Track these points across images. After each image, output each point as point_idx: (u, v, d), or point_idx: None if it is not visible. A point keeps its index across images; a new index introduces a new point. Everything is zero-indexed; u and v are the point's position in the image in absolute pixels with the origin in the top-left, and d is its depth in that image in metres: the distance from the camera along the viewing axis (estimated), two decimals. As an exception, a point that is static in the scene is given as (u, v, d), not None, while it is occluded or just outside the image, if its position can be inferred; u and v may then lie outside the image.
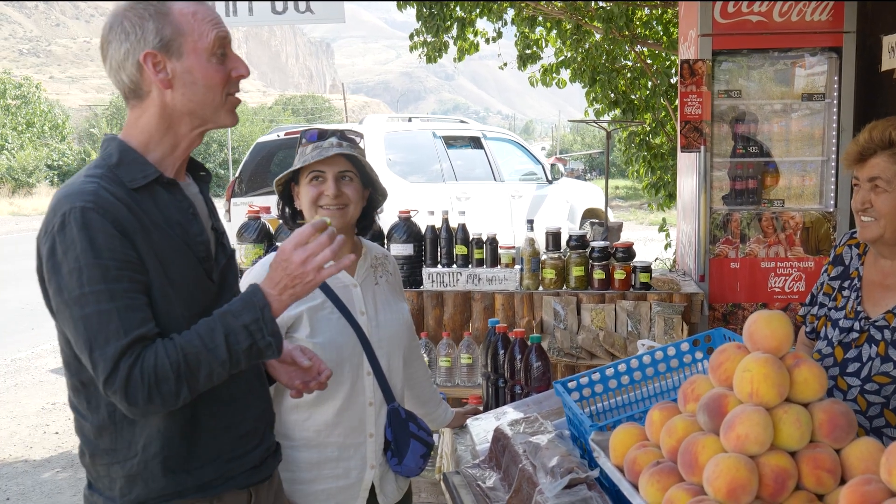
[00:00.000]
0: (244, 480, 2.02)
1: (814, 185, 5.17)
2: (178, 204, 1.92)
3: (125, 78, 1.85)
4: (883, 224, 2.30)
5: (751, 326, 1.72)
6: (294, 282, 1.86)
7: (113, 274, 1.72)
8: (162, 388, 1.72)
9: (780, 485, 1.55)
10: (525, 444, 2.30)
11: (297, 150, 2.61)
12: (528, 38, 8.79)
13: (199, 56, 1.85)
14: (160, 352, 1.73)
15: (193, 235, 1.92)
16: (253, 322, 1.81)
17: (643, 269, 4.65)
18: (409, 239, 4.73)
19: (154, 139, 1.89)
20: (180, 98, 1.86)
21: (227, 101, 1.92)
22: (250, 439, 2.05)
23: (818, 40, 4.94)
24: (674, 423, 1.73)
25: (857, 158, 2.33)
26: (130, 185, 1.83)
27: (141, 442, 1.86)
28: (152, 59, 1.82)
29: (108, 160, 1.86)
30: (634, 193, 27.27)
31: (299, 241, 1.87)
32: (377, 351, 2.62)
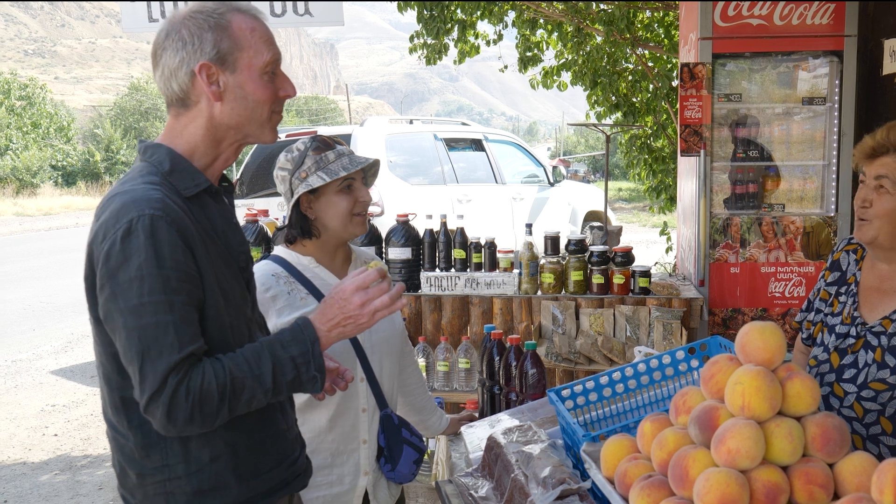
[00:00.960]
0: (298, 484, 2.05)
1: (815, 189, 5.14)
2: (223, 213, 1.94)
3: (176, 86, 1.85)
4: (877, 226, 2.27)
5: (743, 338, 1.69)
6: (347, 322, 1.91)
7: (174, 285, 1.70)
8: (205, 408, 1.71)
9: (772, 500, 1.53)
10: (518, 454, 2.28)
11: (306, 158, 2.52)
12: (528, 41, 8.77)
13: (253, 72, 1.85)
14: (208, 372, 1.72)
15: (236, 245, 1.95)
16: (301, 355, 1.83)
17: (642, 274, 4.63)
18: (407, 242, 4.72)
19: (199, 150, 1.89)
20: (229, 112, 1.86)
21: (271, 118, 1.93)
22: (297, 442, 2.08)
23: (819, 44, 4.91)
24: (665, 436, 1.71)
25: (869, 154, 2.30)
26: (185, 192, 1.84)
27: (207, 454, 1.84)
28: (207, 70, 1.82)
29: (160, 167, 1.84)
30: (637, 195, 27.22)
31: (361, 284, 1.92)
32: (370, 357, 2.60)
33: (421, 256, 4.81)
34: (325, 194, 2.53)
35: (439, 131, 9.91)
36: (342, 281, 1.95)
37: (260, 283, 2.51)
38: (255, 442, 1.91)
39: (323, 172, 2.49)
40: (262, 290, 2.51)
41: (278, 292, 2.53)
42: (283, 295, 2.54)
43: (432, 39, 8.66)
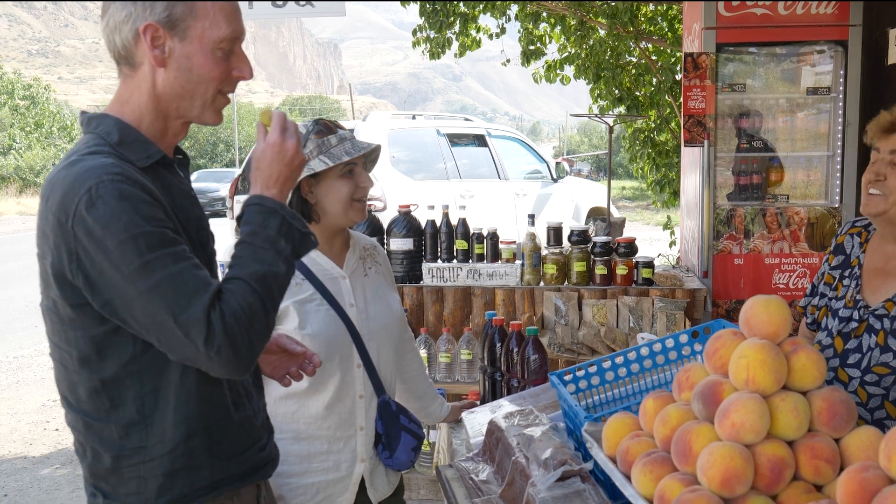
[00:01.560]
0: (267, 471, 1.96)
1: (819, 180, 5.10)
2: (179, 185, 1.82)
3: (119, 41, 1.73)
4: (892, 200, 2.23)
5: (747, 312, 1.66)
6: (290, 170, 1.81)
7: (169, 236, 1.61)
8: (256, 325, 1.62)
9: (777, 475, 1.50)
10: (519, 437, 2.25)
11: (308, 142, 2.48)
12: (531, 35, 8.74)
13: (204, 45, 1.72)
14: (236, 292, 1.62)
15: (195, 220, 1.82)
16: (283, 225, 1.74)
17: (645, 265, 4.60)
18: (409, 233, 4.69)
19: (146, 121, 1.76)
20: (171, 82, 1.73)
21: (216, 99, 1.80)
22: (265, 429, 1.99)
23: (823, 34, 4.87)
24: (668, 412, 1.68)
25: (886, 128, 2.26)
26: (138, 163, 1.70)
27: (181, 433, 1.74)
28: (153, 32, 1.69)
29: (107, 138, 1.71)
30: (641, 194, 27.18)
31: (284, 125, 1.82)
32: (367, 343, 2.57)
33: (423, 247, 4.79)
34: (327, 179, 2.50)
35: (442, 127, 9.88)
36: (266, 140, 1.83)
37: None
38: (230, 424, 1.82)
39: (325, 157, 2.46)
40: None
41: None
42: None
43: (435, 33, 8.63)
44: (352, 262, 2.64)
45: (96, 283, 1.61)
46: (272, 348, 2.12)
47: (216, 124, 1.88)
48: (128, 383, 1.69)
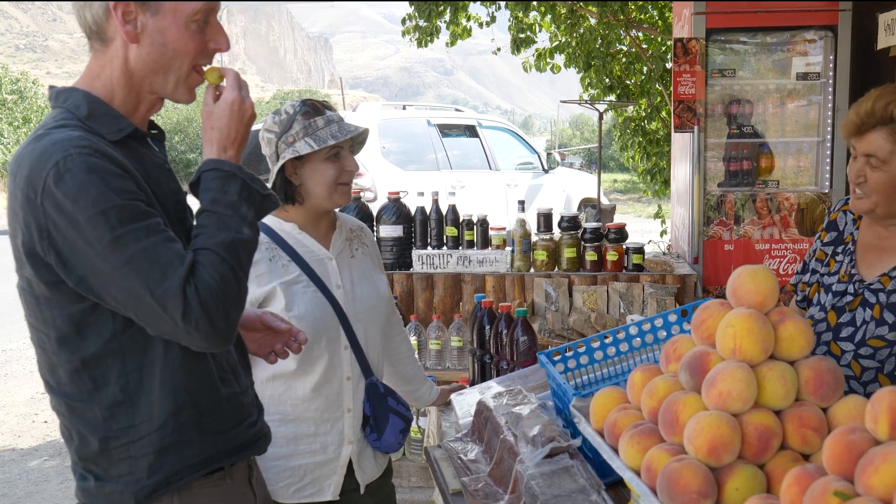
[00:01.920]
0: (259, 447, 1.93)
1: (809, 166, 5.11)
2: (154, 159, 1.77)
3: (89, 16, 1.68)
4: (875, 200, 2.24)
5: (734, 282, 1.65)
6: (247, 129, 1.77)
7: (142, 209, 1.57)
8: (230, 294, 1.60)
9: (764, 444, 1.49)
10: (507, 415, 2.24)
11: (294, 122, 2.46)
12: (521, 22, 8.71)
13: (178, 18, 1.67)
14: (205, 262, 1.59)
15: (171, 193, 1.77)
16: (244, 189, 1.70)
17: (636, 251, 4.59)
18: (398, 220, 4.67)
19: (119, 95, 1.71)
20: (144, 57, 1.67)
21: (190, 75, 1.74)
22: (254, 406, 1.96)
23: (813, 18, 4.87)
24: (655, 384, 1.67)
25: (855, 130, 2.25)
26: (108, 137, 1.65)
27: (170, 405, 1.70)
28: (124, 7, 1.63)
29: (76, 112, 1.66)
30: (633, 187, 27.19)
31: (237, 82, 1.77)
32: (354, 325, 2.55)
33: (412, 234, 4.77)
34: (312, 161, 2.48)
35: (433, 117, 9.86)
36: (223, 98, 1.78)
37: None
38: (219, 396, 1.79)
39: (311, 139, 2.43)
40: None
41: (259, 258, 2.47)
42: (265, 261, 2.48)
43: (424, 22, 8.60)
44: (338, 243, 2.62)
45: (69, 260, 1.57)
46: (257, 326, 2.09)
47: (189, 102, 1.82)
48: (110, 362, 1.65)
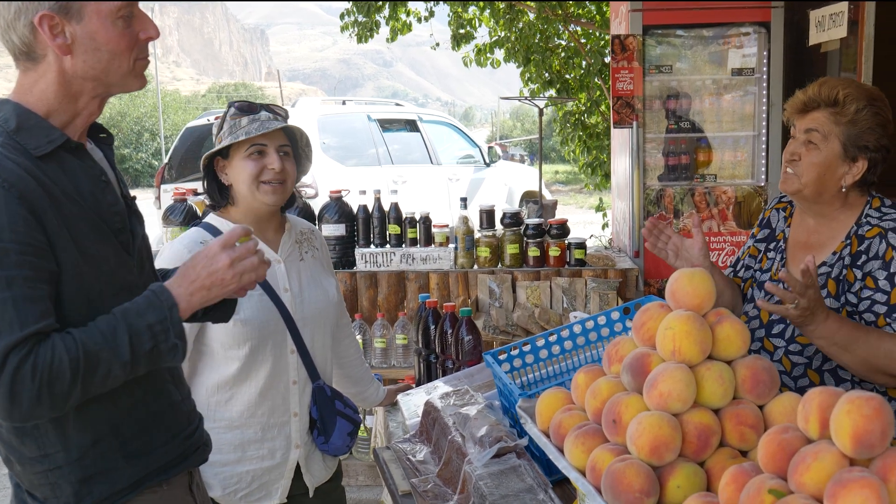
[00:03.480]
0: (197, 458, 1.92)
1: (746, 159, 5.23)
2: (89, 171, 1.74)
3: (16, 38, 1.65)
4: (804, 181, 2.30)
5: (673, 284, 1.69)
6: (213, 283, 1.74)
7: (13, 259, 1.53)
8: (55, 387, 1.54)
9: (704, 442, 1.53)
10: (455, 416, 2.26)
11: (224, 123, 2.47)
12: (461, 18, 8.73)
13: (103, 19, 1.65)
14: (58, 347, 1.55)
15: (108, 206, 1.75)
16: (158, 323, 1.66)
17: (577, 246, 4.65)
18: (340, 219, 4.66)
19: (53, 107, 1.69)
20: (81, 65, 1.66)
21: (135, 66, 1.74)
22: (194, 415, 1.95)
23: (747, 15, 4.99)
24: (598, 385, 1.71)
25: (800, 108, 2.32)
26: (35, 152, 1.63)
27: (89, 437, 1.69)
28: (49, 21, 1.61)
29: (4, 125, 1.64)
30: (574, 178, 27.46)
31: (227, 241, 1.76)
32: (301, 329, 2.55)
33: (355, 233, 4.77)
34: (235, 158, 2.47)
35: (373, 112, 9.83)
36: (210, 248, 1.79)
37: (187, 250, 2.44)
38: (143, 417, 1.77)
39: (232, 136, 2.44)
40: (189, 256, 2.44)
41: None
42: None
43: (363, 17, 8.56)
44: (287, 246, 2.62)
45: None
46: None
47: (141, 88, 1.80)
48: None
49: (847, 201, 2.33)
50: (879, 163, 2.30)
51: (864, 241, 2.28)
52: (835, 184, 2.29)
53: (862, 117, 2.25)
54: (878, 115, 2.26)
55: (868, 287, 2.23)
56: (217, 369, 2.46)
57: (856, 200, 2.34)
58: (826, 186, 2.30)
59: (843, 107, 2.25)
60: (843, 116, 2.25)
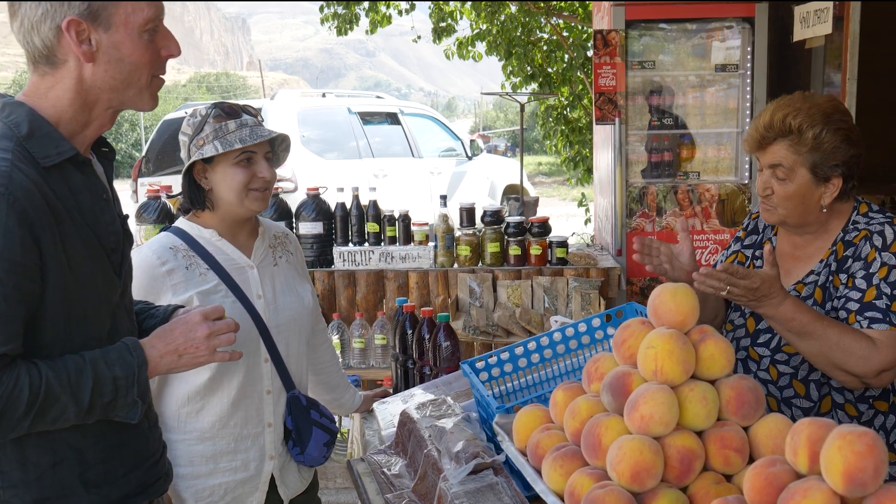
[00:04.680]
0: (158, 488, 1.87)
1: (729, 157, 5.19)
2: (92, 188, 1.71)
3: (38, 41, 1.61)
4: (783, 212, 2.25)
5: (655, 300, 1.64)
6: (187, 351, 1.75)
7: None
8: (5, 417, 1.51)
9: (687, 466, 1.48)
10: (431, 429, 2.20)
11: (205, 125, 2.37)
12: (442, 10, 8.65)
13: (130, 31, 1.64)
14: (22, 378, 1.52)
15: (105, 225, 1.72)
16: (124, 377, 1.65)
17: (559, 245, 4.59)
18: (318, 217, 4.58)
19: (66, 114, 1.66)
20: (102, 75, 1.64)
21: (151, 82, 1.72)
22: (160, 443, 1.91)
23: (731, 10, 4.94)
24: (577, 405, 1.65)
25: (756, 145, 2.26)
26: (43, 162, 1.61)
27: (48, 459, 1.65)
28: (76, 27, 1.59)
29: (16, 130, 1.61)
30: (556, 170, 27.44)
31: (210, 314, 1.79)
32: (275, 336, 2.48)
33: (333, 231, 4.68)
34: (221, 165, 2.38)
35: (353, 105, 9.74)
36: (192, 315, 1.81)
37: (156, 255, 2.37)
38: (108, 445, 1.73)
39: (219, 142, 2.34)
40: (158, 263, 2.36)
41: (175, 266, 2.38)
42: (181, 269, 2.39)
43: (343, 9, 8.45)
44: (260, 251, 2.54)
45: None
46: None
47: (153, 109, 1.78)
48: None
49: (834, 211, 2.28)
50: (855, 170, 2.23)
51: (850, 246, 2.23)
52: (815, 206, 2.24)
53: (823, 140, 2.16)
54: (839, 132, 2.17)
55: (846, 286, 2.19)
56: (187, 379, 2.38)
57: (842, 208, 2.29)
58: (808, 211, 2.24)
59: (801, 135, 2.17)
60: (804, 146, 2.17)
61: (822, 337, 2.06)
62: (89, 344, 1.67)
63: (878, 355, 2.05)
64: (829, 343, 2.06)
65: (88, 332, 1.67)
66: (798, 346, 2.14)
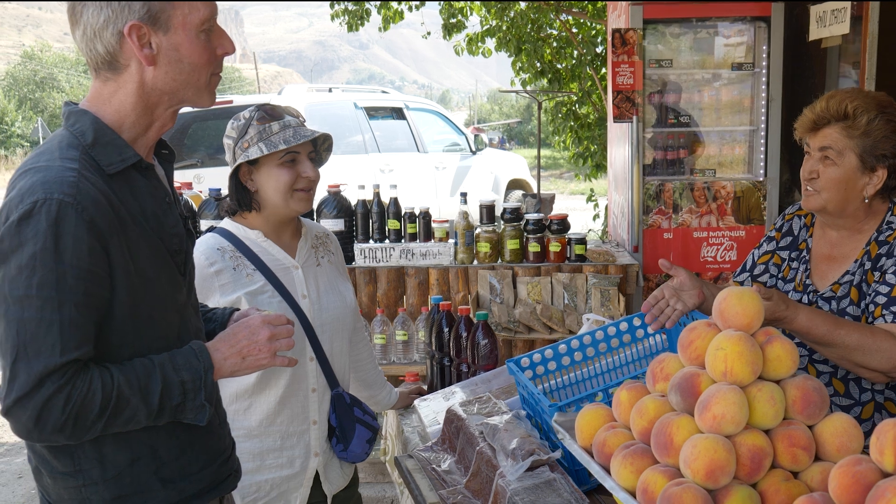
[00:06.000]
0: (228, 485, 1.92)
1: (744, 154, 5.23)
2: (154, 192, 1.75)
3: (101, 48, 1.64)
4: (825, 197, 2.30)
5: (721, 304, 1.68)
6: (251, 353, 1.80)
7: (69, 283, 1.53)
8: (80, 420, 1.55)
9: (757, 464, 1.53)
10: (482, 426, 2.24)
11: (249, 128, 2.40)
12: (452, 7, 8.66)
13: (189, 32, 1.67)
14: (95, 381, 1.56)
15: (169, 228, 1.76)
16: (192, 381, 1.69)
17: (578, 241, 4.64)
18: (339, 214, 4.60)
19: (130, 119, 1.69)
20: (163, 77, 1.67)
21: (210, 81, 1.75)
22: (229, 439, 1.96)
23: (747, 9, 4.98)
24: (644, 404, 1.69)
25: (810, 127, 2.31)
26: (108, 169, 1.64)
27: (125, 457, 1.69)
28: (137, 31, 1.62)
29: (82, 139, 1.64)
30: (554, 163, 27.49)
31: (272, 319, 1.83)
32: (320, 335, 2.52)
33: (354, 228, 4.72)
34: (266, 166, 2.42)
35: (359, 100, 9.76)
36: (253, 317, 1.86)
37: (204, 256, 2.41)
38: (182, 442, 1.77)
39: (263, 144, 2.38)
40: (206, 264, 2.40)
41: (223, 267, 2.43)
42: (228, 270, 2.43)
43: (353, 5, 8.46)
44: (304, 251, 2.58)
45: None
46: None
47: (211, 105, 1.81)
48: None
49: (871, 210, 2.33)
50: None
51: (884, 245, 2.28)
52: (857, 195, 2.29)
53: (875, 127, 2.23)
54: (890, 123, 2.25)
55: (877, 281, 2.24)
56: (236, 378, 2.42)
57: (879, 207, 2.34)
58: (849, 200, 2.29)
59: (855, 119, 2.24)
60: (856, 129, 2.24)
61: (841, 344, 2.12)
62: (158, 344, 1.71)
63: None
64: (849, 348, 2.12)
65: (157, 333, 1.71)
66: (821, 351, 2.21)
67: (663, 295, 2.30)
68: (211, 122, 8.67)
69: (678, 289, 2.28)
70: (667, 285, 2.32)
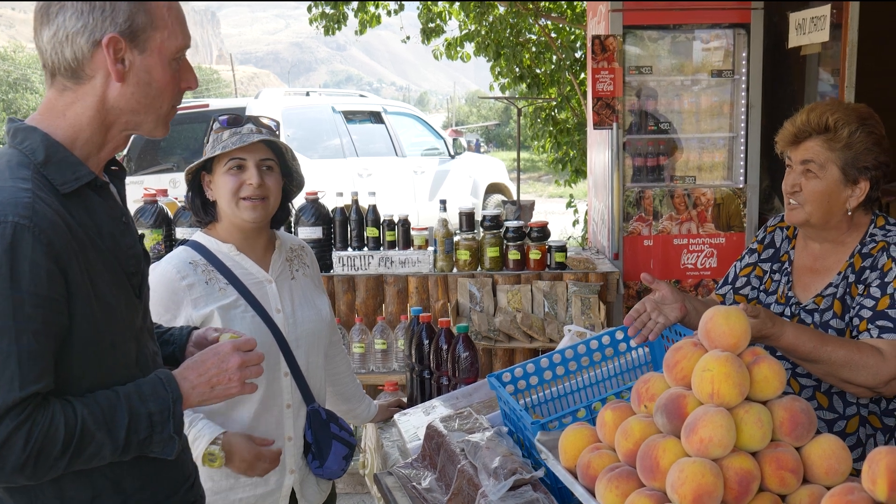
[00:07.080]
0: None
1: (724, 161, 5.23)
2: (110, 211, 1.67)
3: (69, 53, 1.56)
4: (809, 210, 2.28)
5: (707, 323, 1.65)
6: (220, 382, 1.73)
7: (27, 311, 1.45)
8: (41, 459, 1.46)
9: (745, 488, 1.49)
10: (463, 443, 2.20)
11: (209, 136, 2.40)
12: (431, 11, 8.63)
13: (163, 57, 1.62)
14: (58, 416, 1.48)
15: (125, 248, 1.68)
16: (159, 412, 1.61)
17: (558, 249, 4.61)
18: (317, 221, 4.55)
19: (84, 135, 1.61)
20: (128, 96, 1.60)
21: (169, 112, 1.69)
22: (193, 465, 1.89)
23: (727, 16, 4.98)
24: (630, 425, 1.65)
25: (791, 140, 2.30)
26: (62, 189, 1.56)
27: (87, 493, 1.61)
28: (115, 44, 1.56)
29: (32, 157, 1.56)
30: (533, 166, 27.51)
31: (242, 345, 1.77)
32: (295, 350, 2.47)
33: (332, 235, 4.66)
34: (217, 174, 2.39)
35: (337, 104, 9.72)
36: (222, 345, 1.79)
37: (176, 270, 2.36)
38: (145, 473, 1.70)
39: (211, 150, 2.36)
40: (178, 277, 2.35)
41: (195, 281, 2.37)
42: (201, 284, 2.37)
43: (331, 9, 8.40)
44: (278, 264, 2.53)
45: None
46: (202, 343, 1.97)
47: (163, 136, 1.75)
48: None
49: (853, 222, 2.32)
50: (881, 179, 2.29)
51: (867, 257, 2.27)
52: (840, 208, 2.27)
53: (856, 140, 2.22)
54: (872, 135, 2.24)
55: (861, 294, 2.22)
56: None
57: (861, 220, 2.33)
58: (832, 212, 2.28)
59: (836, 132, 2.23)
60: (837, 142, 2.23)
61: (828, 360, 2.11)
62: (118, 372, 1.63)
63: (885, 367, 2.10)
64: (836, 364, 2.11)
65: (116, 360, 1.63)
66: (806, 367, 2.19)
67: (645, 308, 2.27)
68: (187, 125, 8.59)
69: (660, 302, 2.26)
70: (648, 298, 2.29)
